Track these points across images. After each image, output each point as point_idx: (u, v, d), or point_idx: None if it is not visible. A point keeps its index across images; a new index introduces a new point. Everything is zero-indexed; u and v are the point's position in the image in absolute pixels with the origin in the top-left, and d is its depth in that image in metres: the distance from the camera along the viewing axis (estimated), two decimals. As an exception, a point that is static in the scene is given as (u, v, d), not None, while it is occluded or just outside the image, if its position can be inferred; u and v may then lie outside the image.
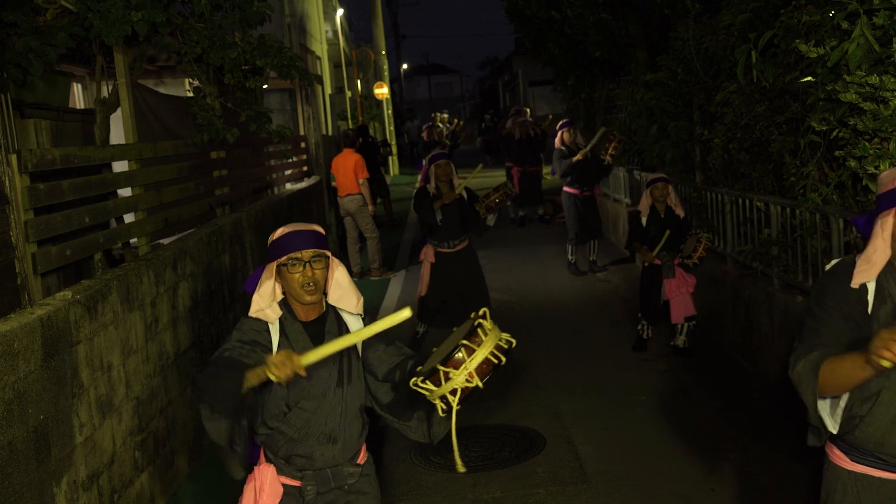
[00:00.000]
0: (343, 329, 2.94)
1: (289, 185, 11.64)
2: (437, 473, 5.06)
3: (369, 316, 3.01)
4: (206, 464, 5.41)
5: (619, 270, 10.24)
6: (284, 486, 2.94)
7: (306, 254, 2.82)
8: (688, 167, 7.91)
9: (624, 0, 11.50)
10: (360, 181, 11.00)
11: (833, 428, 2.43)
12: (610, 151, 9.62)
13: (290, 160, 11.66)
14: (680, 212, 6.64)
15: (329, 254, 2.88)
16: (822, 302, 2.43)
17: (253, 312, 2.93)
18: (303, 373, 2.52)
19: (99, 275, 4.69)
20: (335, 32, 23.98)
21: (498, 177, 16.50)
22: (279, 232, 2.89)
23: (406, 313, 2.45)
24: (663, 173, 6.84)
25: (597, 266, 10.22)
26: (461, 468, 2.63)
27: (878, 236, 2.34)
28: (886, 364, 2.02)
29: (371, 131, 26.65)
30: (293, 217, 9.45)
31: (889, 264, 2.38)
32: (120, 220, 6.00)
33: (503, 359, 2.49)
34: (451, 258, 7.05)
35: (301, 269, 2.82)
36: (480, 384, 2.46)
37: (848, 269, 2.42)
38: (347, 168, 10.99)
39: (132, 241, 5.78)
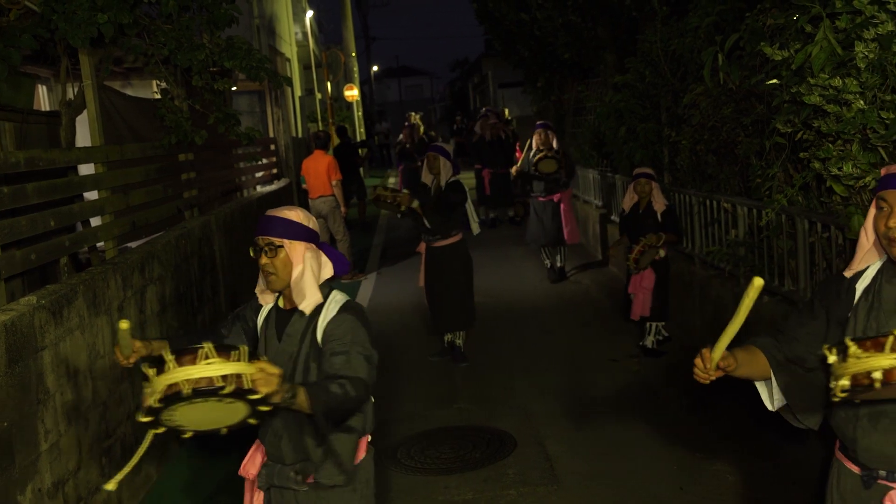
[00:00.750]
0: (311, 325, 2.81)
1: (259, 188, 11.58)
2: (407, 476, 5.05)
3: (356, 313, 2.82)
4: (175, 470, 5.35)
5: (590, 272, 10.29)
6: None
7: (261, 240, 2.80)
8: (656, 169, 7.95)
9: (592, 2, 11.57)
10: (334, 183, 10.96)
11: (769, 405, 2.57)
12: (534, 164, 9.37)
13: (260, 163, 11.60)
14: (658, 207, 6.56)
15: (286, 242, 2.78)
16: (815, 290, 2.51)
17: (256, 290, 2.99)
18: (123, 362, 2.70)
19: (65, 279, 4.63)
20: (305, 34, 23.90)
21: (468, 178, 16.53)
22: None
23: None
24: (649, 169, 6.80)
25: (563, 271, 10.08)
26: (111, 485, 2.61)
27: (863, 226, 2.38)
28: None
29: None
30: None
31: (888, 262, 2.34)
32: (86, 223, 5.92)
33: (221, 385, 2.21)
34: (435, 253, 6.93)
35: (258, 255, 2.80)
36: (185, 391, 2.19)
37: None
38: (320, 170, 10.94)
39: (99, 244, 5.72)
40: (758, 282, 2.13)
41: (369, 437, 3.02)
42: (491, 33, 16.03)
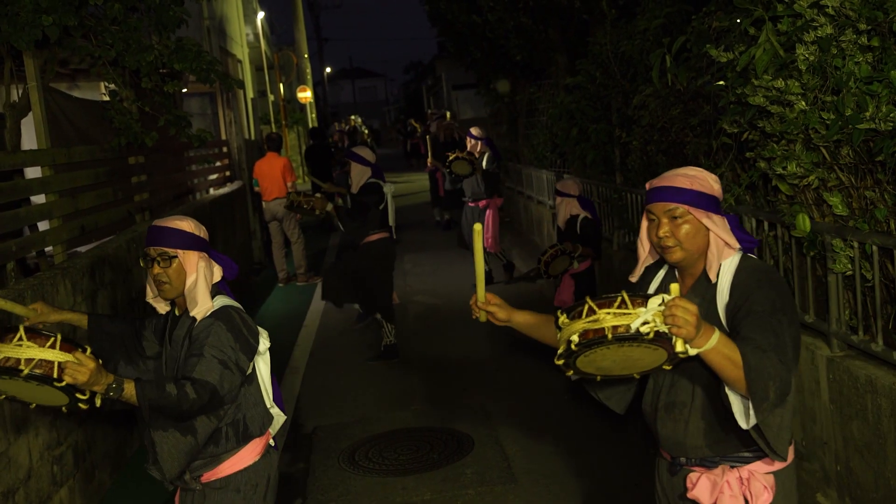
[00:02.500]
0: (189, 329, 2.87)
1: (212, 191, 11.46)
2: (365, 477, 5.05)
3: (224, 317, 2.86)
4: (129, 476, 5.28)
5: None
6: None
7: (152, 251, 2.87)
8: (608, 169, 8.05)
9: (543, 5, 11.66)
10: (290, 184, 10.89)
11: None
12: (447, 164, 9.55)
13: (214, 165, 11.48)
14: (561, 220, 6.45)
15: (181, 252, 2.86)
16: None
17: (149, 299, 3.09)
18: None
19: (12, 284, 4.54)
20: (256, 35, 23.68)
21: (421, 179, 16.58)
22: None
23: None
24: (571, 181, 6.67)
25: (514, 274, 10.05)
26: None
27: (639, 238, 2.60)
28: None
29: (295, 136, 26.41)
30: (216, 223, 9.30)
31: (668, 270, 2.60)
32: (34, 227, 5.81)
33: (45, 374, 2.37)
34: (360, 248, 7.11)
35: (150, 265, 2.88)
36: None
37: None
38: (274, 172, 10.85)
39: (47, 249, 5.61)
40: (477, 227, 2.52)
41: (270, 442, 3.04)
42: (443, 35, 16.06)
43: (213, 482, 2.90)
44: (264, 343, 3.00)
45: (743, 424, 2.24)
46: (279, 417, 3.07)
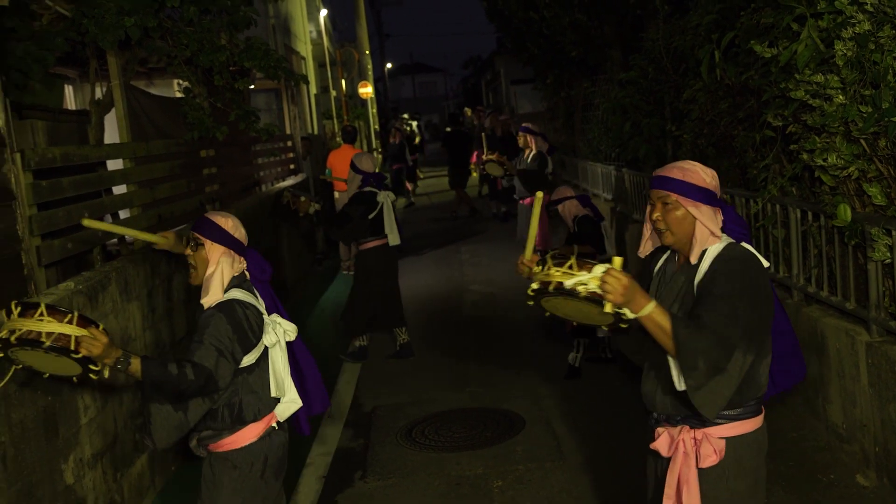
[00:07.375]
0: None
1: (277, 183, 11.88)
2: (422, 453, 5.33)
3: (225, 310, 3.14)
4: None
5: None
6: None
7: (192, 234, 3.26)
8: (660, 162, 8.16)
9: (598, 1, 11.80)
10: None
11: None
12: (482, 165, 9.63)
13: (279, 158, 11.90)
14: (567, 217, 6.58)
15: (208, 243, 3.21)
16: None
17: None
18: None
19: (98, 267, 4.92)
20: (319, 33, 24.20)
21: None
22: None
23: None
24: (563, 187, 6.83)
25: None
26: None
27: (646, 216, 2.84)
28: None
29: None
30: (279, 213, 9.67)
31: (671, 252, 2.83)
32: (115, 216, 6.22)
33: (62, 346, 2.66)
34: (360, 255, 7.29)
35: (186, 247, 3.31)
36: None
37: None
38: (348, 165, 11.19)
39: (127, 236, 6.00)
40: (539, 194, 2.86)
41: (273, 425, 3.27)
42: (501, 31, 16.27)
43: (217, 453, 3.22)
44: (275, 336, 3.25)
45: (678, 386, 2.51)
46: (292, 404, 3.31)
